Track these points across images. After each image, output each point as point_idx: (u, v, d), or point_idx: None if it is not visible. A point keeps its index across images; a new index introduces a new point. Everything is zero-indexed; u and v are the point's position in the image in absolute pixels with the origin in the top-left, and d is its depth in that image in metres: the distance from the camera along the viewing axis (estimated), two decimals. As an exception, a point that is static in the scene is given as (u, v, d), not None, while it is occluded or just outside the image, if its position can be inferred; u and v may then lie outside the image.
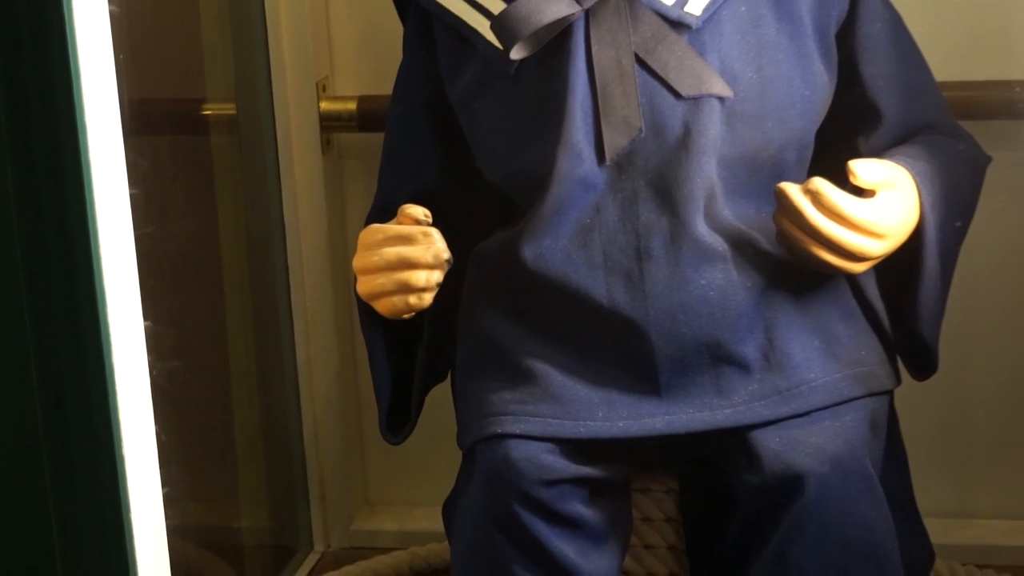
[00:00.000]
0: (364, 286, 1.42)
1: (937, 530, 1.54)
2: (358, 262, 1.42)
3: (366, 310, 1.46)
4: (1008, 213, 1.73)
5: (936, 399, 1.67)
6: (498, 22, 1.37)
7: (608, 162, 1.37)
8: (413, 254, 1.38)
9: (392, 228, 1.40)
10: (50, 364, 1.23)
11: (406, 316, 1.42)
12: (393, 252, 1.39)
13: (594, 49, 1.36)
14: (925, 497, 1.52)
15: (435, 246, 1.38)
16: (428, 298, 1.40)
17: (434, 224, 1.40)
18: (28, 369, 1.22)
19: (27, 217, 1.20)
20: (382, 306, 1.42)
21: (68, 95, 1.17)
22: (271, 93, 1.81)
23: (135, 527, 1.26)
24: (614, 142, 1.36)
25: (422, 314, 1.44)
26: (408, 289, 1.39)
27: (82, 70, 1.19)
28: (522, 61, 1.38)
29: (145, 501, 1.28)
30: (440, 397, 1.55)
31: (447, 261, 1.39)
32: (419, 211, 1.39)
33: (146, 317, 1.30)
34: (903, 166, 1.38)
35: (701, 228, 1.37)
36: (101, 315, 1.22)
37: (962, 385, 1.77)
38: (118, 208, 1.25)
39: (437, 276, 1.39)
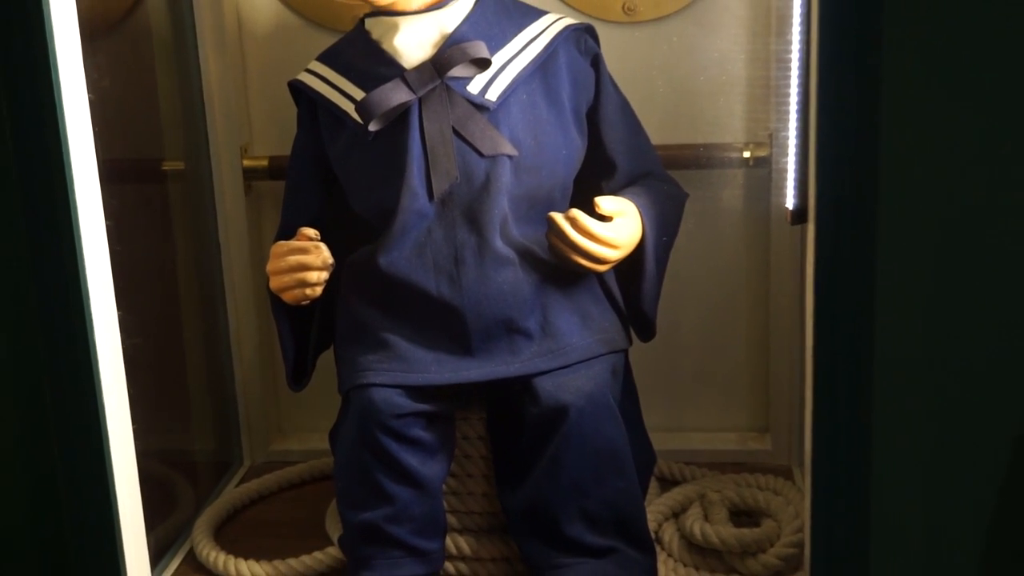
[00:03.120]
0: (273, 283, 1.40)
1: (658, 440, 1.56)
2: (269, 267, 1.41)
3: (275, 300, 1.45)
4: (698, 231, 1.76)
5: (656, 353, 1.69)
6: (360, 106, 1.36)
7: (435, 199, 1.36)
8: (307, 260, 1.37)
9: (293, 243, 1.39)
10: (51, 343, 1.21)
11: (303, 304, 1.41)
12: (294, 259, 1.38)
13: (425, 124, 1.36)
14: (650, 417, 1.55)
15: (323, 254, 1.37)
16: (318, 291, 1.39)
17: (321, 240, 1.38)
18: (36, 348, 1.20)
19: (34, 241, 1.18)
20: (286, 297, 1.40)
21: (59, 156, 1.16)
22: (209, 154, 1.78)
23: (113, 453, 1.24)
24: (439, 186, 1.36)
25: (315, 303, 1.43)
26: (304, 285, 1.38)
27: (70, 138, 1.17)
28: (377, 131, 1.37)
29: (120, 433, 1.26)
30: (329, 359, 1.54)
31: (331, 266, 1.38)
32: (311, 231, 1.39)
33: (119, 308, 1.28)
34: (631, 201, 1.40)
35: (498, 243, 1.37)
36: (86, 307, 1.20)
37: (673, 343, 1.79)
38: (97, 233, 1.23)
39: (324, 276, 1.38)
